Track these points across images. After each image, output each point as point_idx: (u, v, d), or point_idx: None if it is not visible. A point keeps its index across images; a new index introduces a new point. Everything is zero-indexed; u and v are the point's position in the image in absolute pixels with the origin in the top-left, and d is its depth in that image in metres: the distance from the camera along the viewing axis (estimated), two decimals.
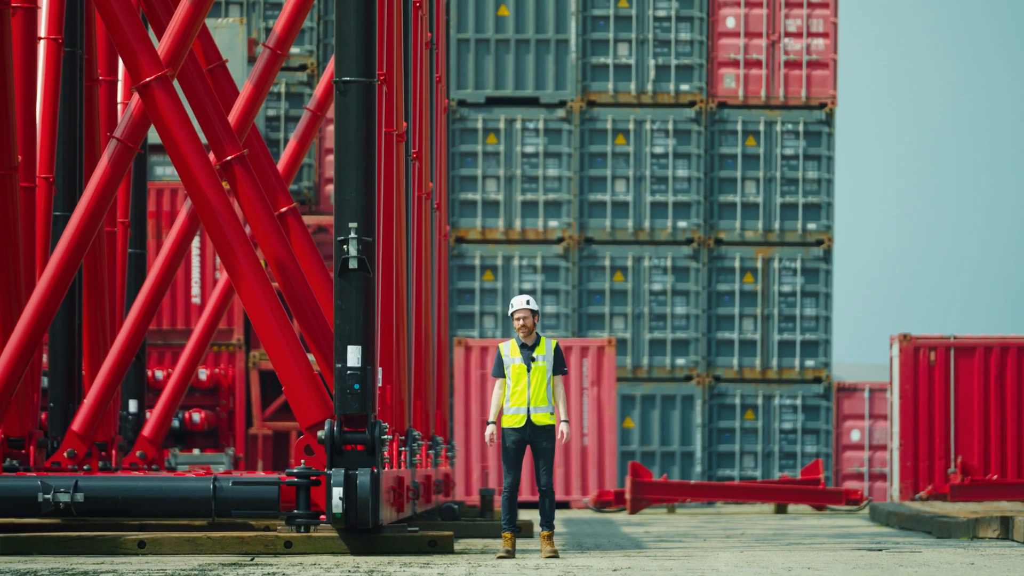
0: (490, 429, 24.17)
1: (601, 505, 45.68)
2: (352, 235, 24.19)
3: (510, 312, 24.33)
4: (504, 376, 23.99)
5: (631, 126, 50.00)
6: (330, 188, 43.09)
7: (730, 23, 50.08)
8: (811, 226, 49.99)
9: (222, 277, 34.65)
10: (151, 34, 27.30)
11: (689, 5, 50.01)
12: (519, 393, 23.95)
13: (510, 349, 24.09)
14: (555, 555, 23.92)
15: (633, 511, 43.91)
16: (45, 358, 32.17)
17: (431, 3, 33.98)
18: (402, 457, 27.57)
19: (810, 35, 50.18)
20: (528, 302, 24.00)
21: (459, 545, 26.29)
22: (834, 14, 50.03)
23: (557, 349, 24.25)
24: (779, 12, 50.04)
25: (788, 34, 50.04)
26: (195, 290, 42.84)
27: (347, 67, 24.56)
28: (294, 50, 46.98)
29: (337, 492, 23.98)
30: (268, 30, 45.70)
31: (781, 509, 45.27)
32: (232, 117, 29.02)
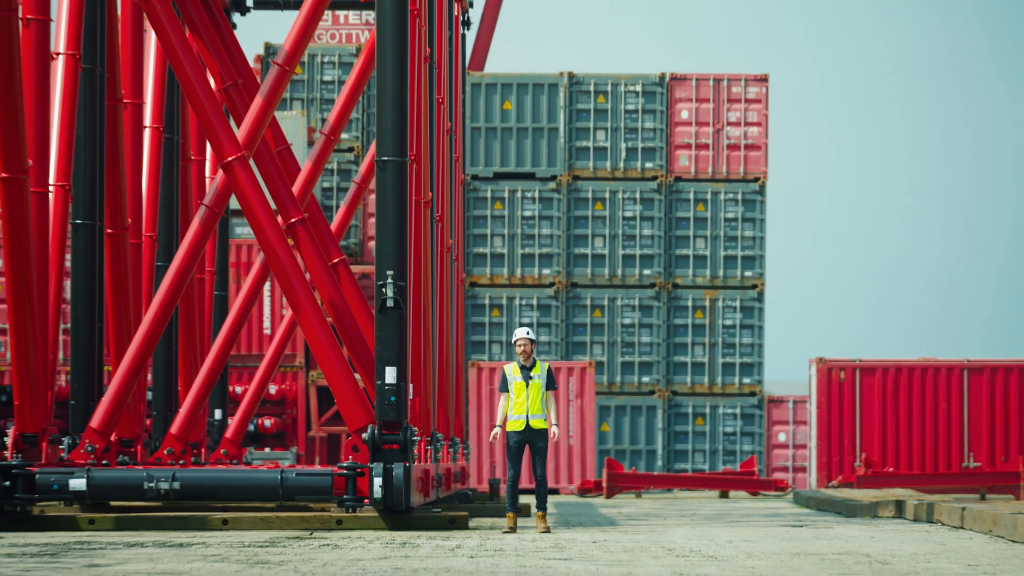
0: (495, 431, 24.43)
1: (583, 491, 45.61)
2: (389, 280, 24.17)
3: (513, 340, 24.30)
4: (508, 391, 24.04)
5: (607, 195, 49.88)
6: (372, 244, 42.99)
7: (684, 115, 50.00)
8: (747, 273, 49.89)
9: (287, 313, 34.62)
10: (232, 124, 27.25)
11: (652, 100, 49.89)
12: (519, 404, 23.99)
13: (512, 370, 24.10)
14: (547, 531, 23.94)
15: (608, 496, 43.84)
16: (149, 376, 32.13)
17: (451, 99, 33.95)
18: (428, 454, 27.49)
19: (747, 124, 50.11)
20: (527, 332, 24.00)
21: (472, 523, 26.21)
22: (765, 107, 49.94)
23: (549, 370, 24.31)
24: (722, 107, 49.98)
25: (730, 123, 49.97)
26: (266, 323, 42.69)
27: (385, 149, 24.51)
28: (344, 136, 46.91)
29: (377, 481, 23.90)
30: (323, 120, 45.68)
31: (724, 495, 45.27)
32: (295, 188, 28.94)
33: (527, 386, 24.04)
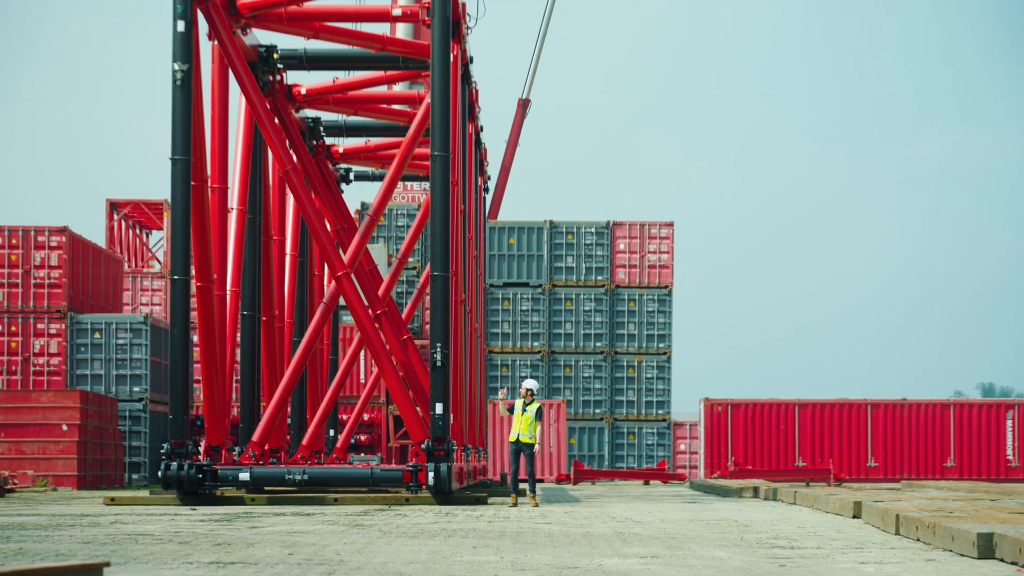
0: (503, 397, 25.59)
1: (559, 481, 45.49)
2: (438, 350, 24.29)
3: (520, 386, 24.59)
4: (511, 413, 24.42)
5: (573, 296, 49.94)
6: (427, 326, 43.00)
7: (621, 247, 50.08)
8: (661, 345, 49.79)
9: (375, 370, 34.72)
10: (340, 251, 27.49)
11: (601, 238, 50.02)
12: (515, 426, 24.31)
13: (518, 404, 24.36)
14: (536, 506, 23.94)
15: (575, 484, 43.75)
16: (289, 409, 32.19)
17: (476, 236, 34.15)
18: (462, 457, 27.57)
19: (660, 252, 50.16)
20: (533, 384, 24.40)
21: (490, 501, 26.26)
22: (672, 241, 50.09)
23: (539, 408, 24.52)
24: (645, 241, 50.06)
25: (650, 252, 50.02)
26: (362, 376, 42.77)
27: (436, 267, 24.65)
28: (410, 259, 47.14)
29: (431, 475, 23.95)
30: (397, 249, 45.98)
31: (646, 483, 45.13)
32: (380, 292, 29.17)
33: (522, 415, 24.34)
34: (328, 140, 33.01)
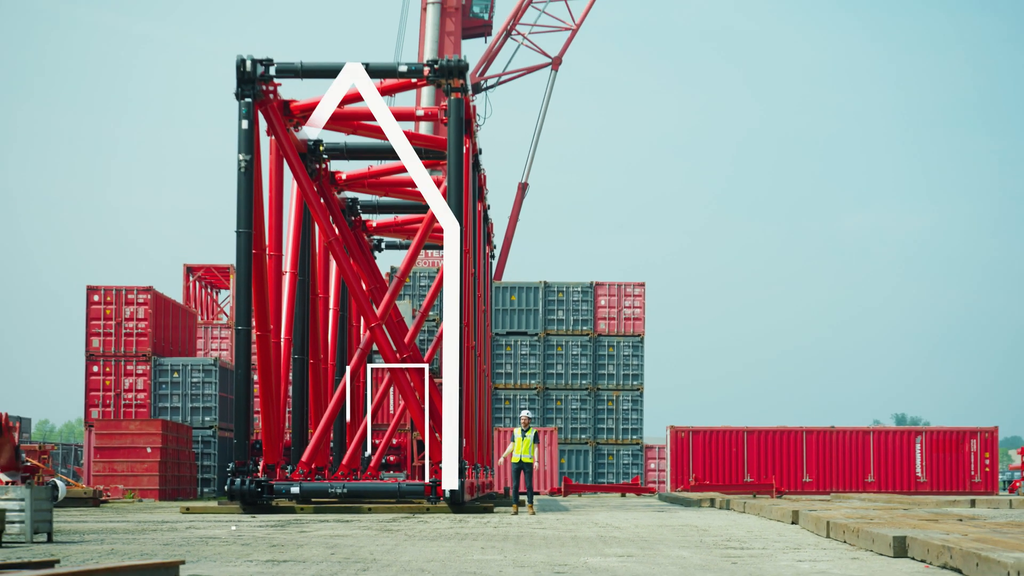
0: (502, 458, 24.61)
1: (552, 493, 45.36)
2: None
3: (521, 416, 24.46)
4: (512, 441, 24.20)
5: (564, 343, 49.86)
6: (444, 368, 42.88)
7: (602, 302, 49.99)
8: (635, 383, 49.69)
9: (402, 403, 34.62)
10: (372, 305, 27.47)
11: (587, 295, 49.96)
12: (517, 449, 24.11)
13: (517, 432, 24.20)
14: (534, 514, 23.81)
15: (565, 496, 43.61)
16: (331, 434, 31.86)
17: (485, 295, 34.15)
18: (473, 474, 27.51)
19: (634, 307, 50.12)
20: (529, 414, 24.25)
21: (496, 510, 26.16)
22: (644, 298, 50.03)
23: (535, 434, 24.38)
24: (622, 298, 49.98)
25: (625, 307, 49.98)
26: (391, 408, 42.66)
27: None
28: (431, 313, 47.11)
29: (447, 490, 23.89)
30: (420, 305, 45.95)
31: (623, 495, 45.01)
32: (406, 340, 29.18)
33: (522, 440, 24.16)
34: (364, 216, 33.14)
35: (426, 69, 24.69)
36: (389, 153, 28.72)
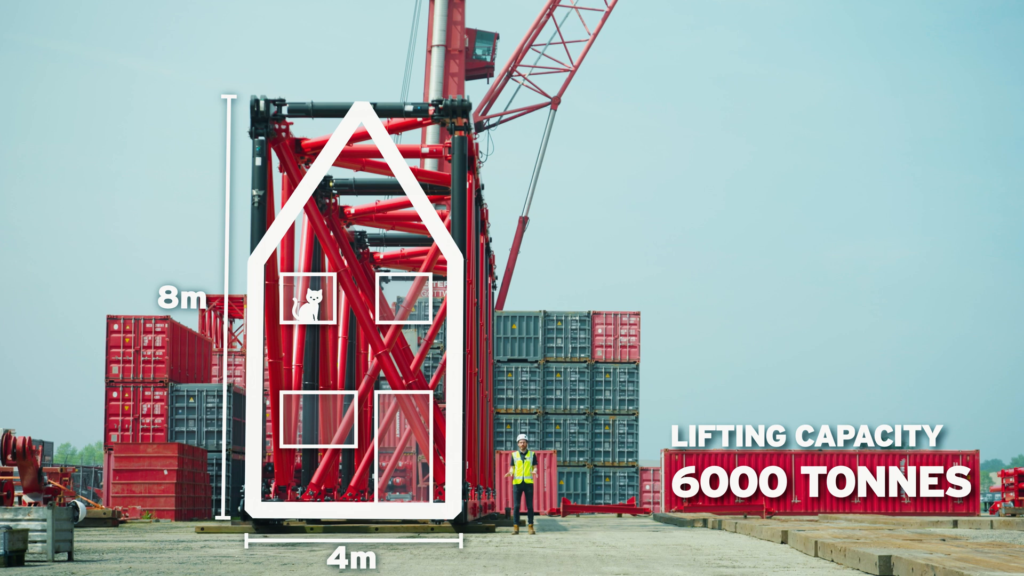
0: (507, 475, 24.58)
1: (552, 514, 45.19)
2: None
3: (519, 440, 24.43)
4: (512, 464, 24.17)
5: (562, 369, 49.82)
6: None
7: (599, 331, 50.01)
8: (630, 407, 49.64)
9: (408, 427, 34.51)
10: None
11: (584, 324, 49.95)
12: (517, 471, 24.08)
13: (516, 455, 24.17)
14: (534, 533, 23.77)
15: (563, 516, 43.45)
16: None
17: (487, 324, 34.12)
18: (475, 495, 27.44)
19: (630, 335, 50.12)
20: (526, 438, 24.23)
21: (497, 529, 26.10)
22: (639, 327, 50.03)
23: (534, 456, 24.39)
24: (618, 327, 50.00)
25: (621, 335, 49.98)
26: (397, 431, 42.56)
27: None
28: (435, 341, 47.04)
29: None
30: (425, 333, 45.90)
31: (619, 516, 44.80)
32: (411, 366, 29.16)
33: (522, 462, 24.14)
34: (372, 248, 33.17)
35: (431, 108, 24.83)
36: (396, 188, 28.75)
